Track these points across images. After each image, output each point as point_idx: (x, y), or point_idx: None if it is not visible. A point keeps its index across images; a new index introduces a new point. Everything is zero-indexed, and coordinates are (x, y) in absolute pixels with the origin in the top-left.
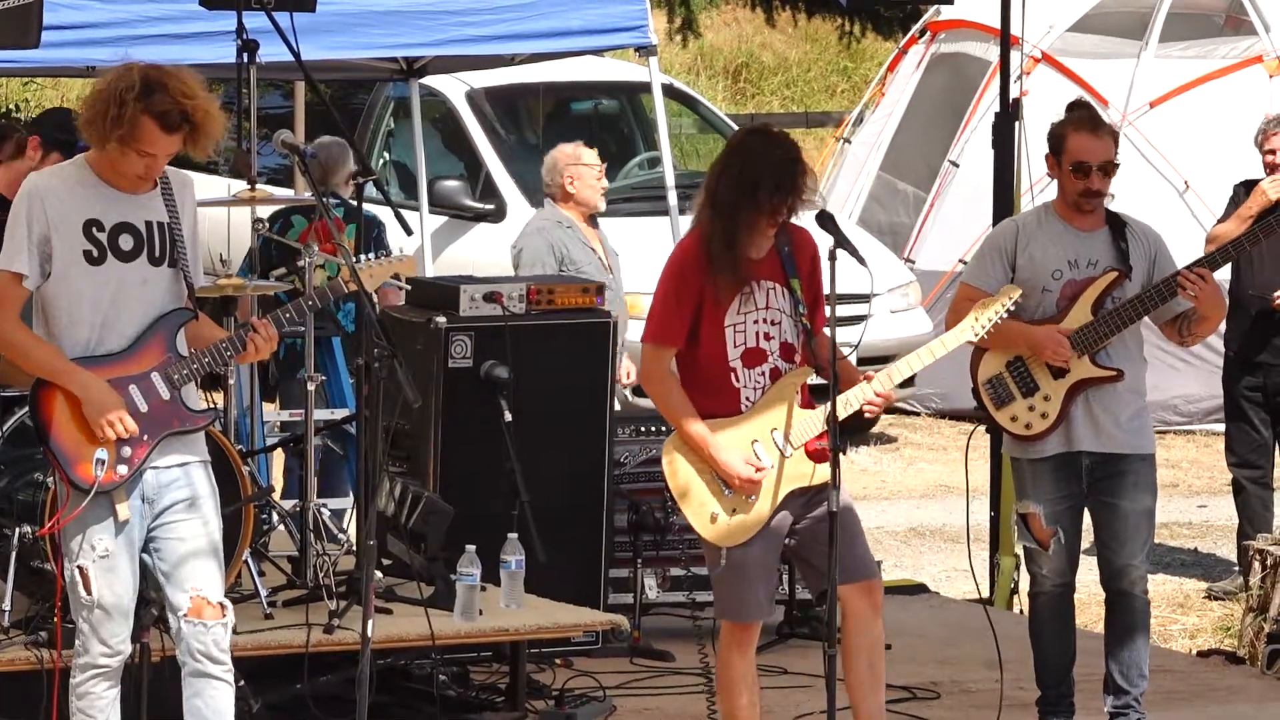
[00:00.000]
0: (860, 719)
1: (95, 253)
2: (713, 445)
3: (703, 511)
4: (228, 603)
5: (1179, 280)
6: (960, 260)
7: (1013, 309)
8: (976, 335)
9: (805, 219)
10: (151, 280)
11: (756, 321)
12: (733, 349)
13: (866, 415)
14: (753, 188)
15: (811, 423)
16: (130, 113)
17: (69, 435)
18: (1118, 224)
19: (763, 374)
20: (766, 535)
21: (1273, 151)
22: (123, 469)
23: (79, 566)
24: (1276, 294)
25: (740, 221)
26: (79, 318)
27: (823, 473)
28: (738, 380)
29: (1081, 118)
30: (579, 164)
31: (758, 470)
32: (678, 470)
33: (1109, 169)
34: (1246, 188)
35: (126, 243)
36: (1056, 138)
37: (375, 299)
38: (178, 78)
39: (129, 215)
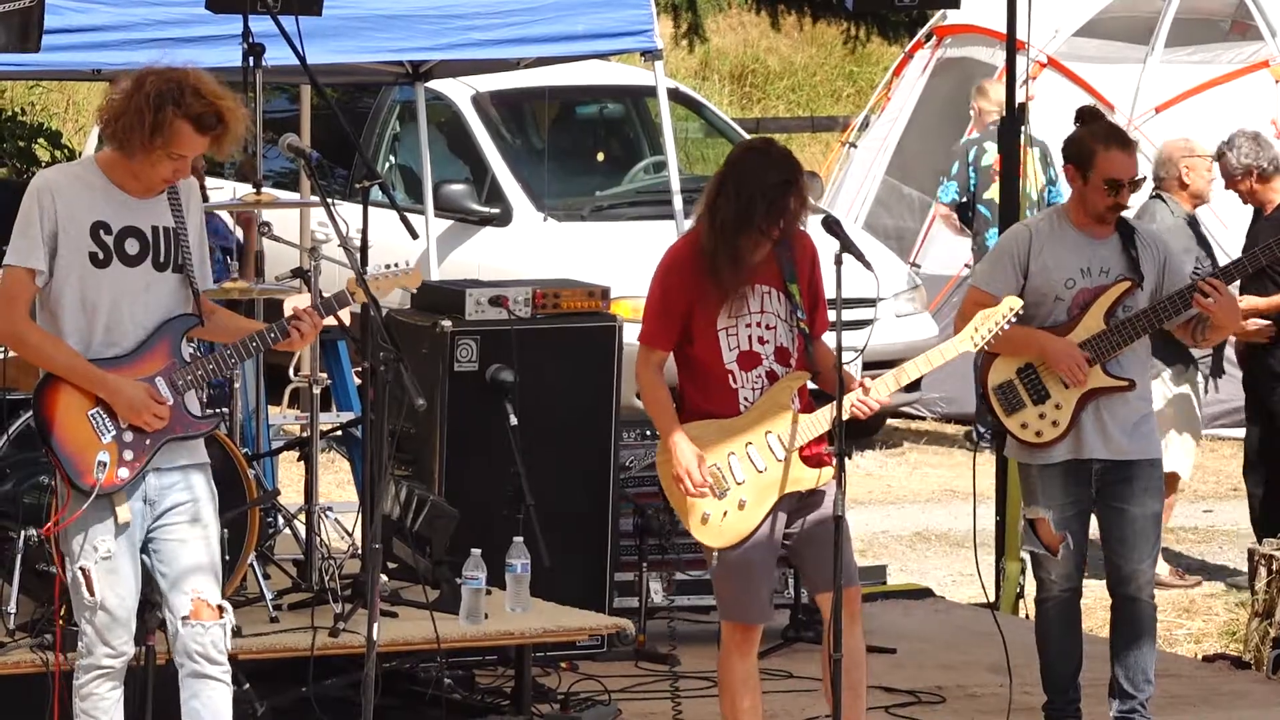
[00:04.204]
0: None
1: (101, 255)
2: (675, 441)
3: (694, 512)
4: (227, 605)
5: (1199, 287)
6: (965, 265)
7: (1014, 320)
8: (975, 346)
9: (810, 223)
10: (155, 285)
11: (749, 325)
12: (727, 352)
13: (858, 417)
14: (748, 208)
15: (808, 427)
16: (167, 118)
17: (71, 437)
18: (1127, 231)
19: (759, 376)
20: (763, 538)
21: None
22: (124, 472)
23: (81, 568)
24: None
25: (740, 238)
26: (80, 318)
27: (820, 477)
28: (735, 382)
29: (1109, 132)
30: (1193, 155)
31: (697, 486)
32: (669, 473)
33: (1138, 184)
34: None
35: (132, 247)
36: (1084, 152)
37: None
38: (204, 79)
39: (136, 220)
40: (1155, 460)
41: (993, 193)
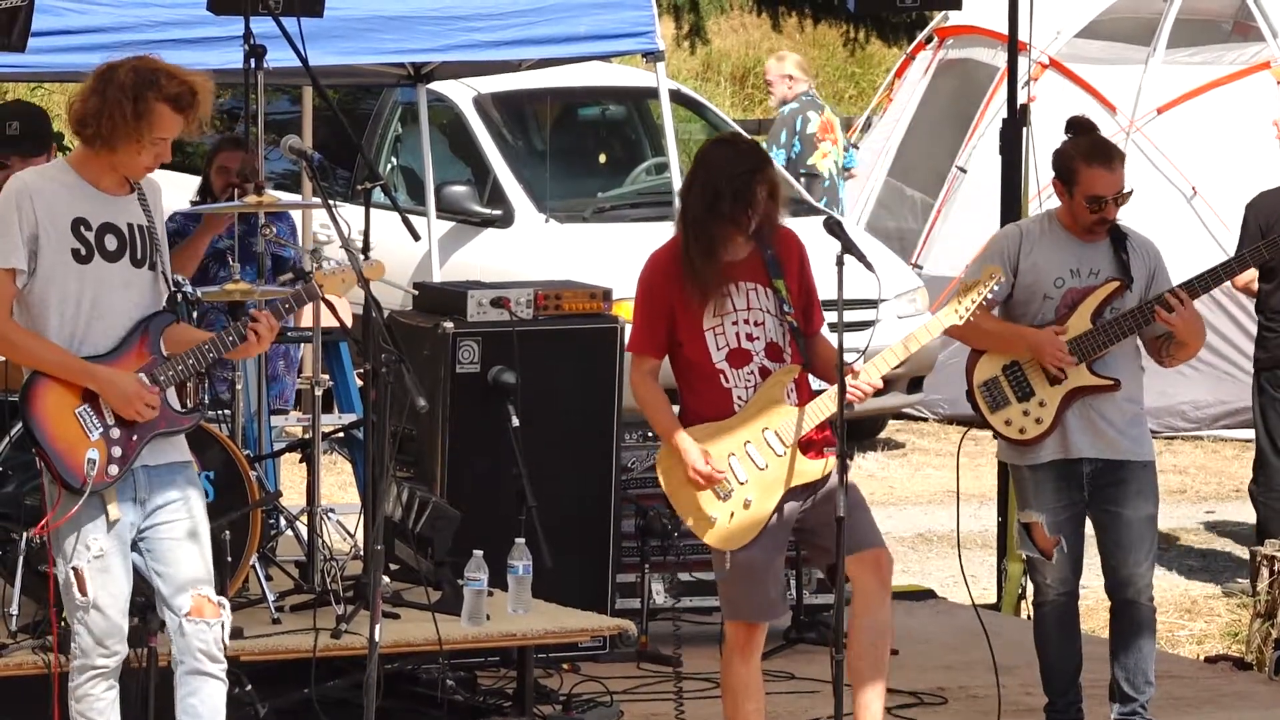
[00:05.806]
0: (858, 707)
1: (83, 251)
2: (678, 440)
3: (701, 516)
4: (225, 601)
5: (1164, 299)
6: (967, 266)
7: (996, 290)
8: (961, 319)
9: (812, 225)
10: (133, 282)
11: (736, 323)
12: (716, 351)
13: (854, 401)
14: (715, 200)
15: (805, 420)
16: (148, 104)
17: (60, 435)
18: (1119, 235)
19: (751, 373)
20: (771, 534)
21: None
22: (114, 469)
23: (74, 568)
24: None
25: (714, 233)
26: (64, 317)
27: (824, 466)
28: (727, 381)
29: (1094, 148)
30: None
31: (708, 479)
32: (671, 478)
33: (1122, 199)
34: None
35: (111, 243)
36: (1068, 169)
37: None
38: (165, 62)
39: (113, 216)
40: (1148, 462)
41: (816, 159)
